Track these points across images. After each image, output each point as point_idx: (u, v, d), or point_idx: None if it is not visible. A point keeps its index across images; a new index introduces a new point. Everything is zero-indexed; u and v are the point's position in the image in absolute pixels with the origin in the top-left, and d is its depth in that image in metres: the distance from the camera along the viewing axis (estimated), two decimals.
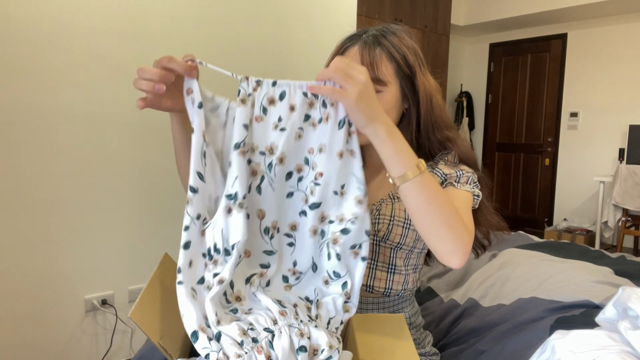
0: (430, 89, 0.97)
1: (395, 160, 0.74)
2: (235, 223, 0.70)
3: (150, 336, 0.69)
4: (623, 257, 1.82)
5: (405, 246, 0.96)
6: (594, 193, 4.56)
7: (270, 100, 0.73)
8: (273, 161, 0.73)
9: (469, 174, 0.93)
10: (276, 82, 0.73)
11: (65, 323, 1.94)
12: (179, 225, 0.71)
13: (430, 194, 0.74)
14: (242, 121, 0.71)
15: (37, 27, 1.78)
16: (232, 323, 0.67)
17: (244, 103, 0.72)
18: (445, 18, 4.44)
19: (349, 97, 0.69)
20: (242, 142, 0.71)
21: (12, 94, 1.75)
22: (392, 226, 0.93)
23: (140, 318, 0.69)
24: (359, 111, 0.70)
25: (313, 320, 0.71)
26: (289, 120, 0.73)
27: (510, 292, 1.39)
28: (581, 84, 4.71)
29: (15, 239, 1.80)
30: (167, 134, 2.21)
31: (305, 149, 0.75)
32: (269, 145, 0.73)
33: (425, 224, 0.76)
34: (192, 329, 0.66)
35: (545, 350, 0.86)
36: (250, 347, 0.65)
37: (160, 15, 2.06)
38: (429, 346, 1.07)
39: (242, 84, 0.73)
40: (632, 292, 0.88)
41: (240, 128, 0.71)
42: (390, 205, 0.95)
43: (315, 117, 0.74)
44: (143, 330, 0.68)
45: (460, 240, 0.76)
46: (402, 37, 0.95)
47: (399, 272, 0.98)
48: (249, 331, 0.67)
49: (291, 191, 0.76)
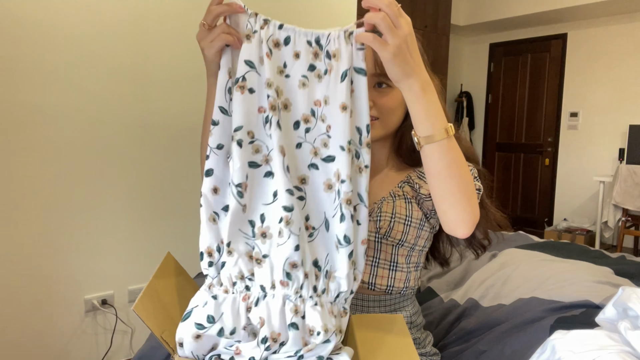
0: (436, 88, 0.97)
1: (424, 120, 0.72)
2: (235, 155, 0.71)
3: (153, 329, 0.69)
4: (623, 257, 1.82)
5: (407, 243, 0.96)
6: (594, 193, 4.57)
7: (275, 42, 0.72)
8: (279, 104, 0.72)
9: (471, 167, 0.93)
10: (282, 25, 0.72)
11: (65, 323, 1.94)
12: (179, 225, 0.71)
13: (453, 159, 0.74)
14: (245, 57, 0.71)
15: (36, 27, 1.78)
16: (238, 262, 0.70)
17: (248, 39, 0.71)
18: (445, 18, 4.44)
19: (387, 50, 0.66)
20: (242, 76, 0.70)
21: (11, 94, 1.75)
22: (394, 223, 0.93)
23: (144, 311, 0.70)
24: (395, 65, 0.68)
25: (318, 296, 0.71)
26: (293, 67, 0.72)
27: (510, 292, 1.39)
28: (581, 84, 4.71)
29: (15, 239, 1.80)
30: (166, 134, 2.22)
31: (311, 100, 0.73)
32: (277, 86, 0.72)
33: (442, 188, 0.76)
34: (200, 249, 0.72)
35: (545, 350, 0.86)
36: (239, 291, 0.70)
37: (160, 15, 2.06)
38: (430, 346, 1.07)
39: (250, 19, 0.72)
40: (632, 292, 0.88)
41: (242, 63, 0.71)
42: (392, 203, 0.95)
43: (320, 69, 0.72)
44: (146, 323, 0.69)
45: (472, 209, 0.77)
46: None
47: (401, 270, 0.98)
48: (246, 279, 0.71)
49: (299, 142, 0.74)
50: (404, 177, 0.98)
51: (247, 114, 0.71)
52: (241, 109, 0.71)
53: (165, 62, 2.09)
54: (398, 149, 0.99)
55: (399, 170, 1.00)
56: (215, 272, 0.72)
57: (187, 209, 2.20)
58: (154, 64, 2.07)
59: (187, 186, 2.19)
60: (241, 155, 0.71)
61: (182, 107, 2.14)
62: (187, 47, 2.11)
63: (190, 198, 2.20)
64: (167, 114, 2.12)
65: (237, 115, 0.71)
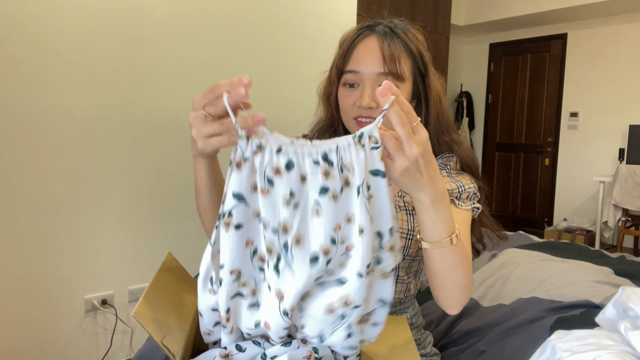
0: (439, 89, 0.95)
1: (430, 228, 0.69)
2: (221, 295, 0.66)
3: (154, 335, 0.69)
4: (623, 257, 1.82)
5: (407, 256, 0.95)
6: (594, 193, 4.56)
7: (276, 170, 0.61)
8: (288, 241, 0.62)
9: (470, 188, 0.91)
10: (280, 149, 0.60)
11: (65, 323, 1.94)
12: (179, 225, 0.71)
13: (454, 262, 0.71)
14: (233, 189, 0.61)
15: (36, 27, 1.78)
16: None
17: (239, 168, 0.61)
18: (445, 18, 4.43)
19: (394, 169, 0.60)
20: (229, 212, 0.62)
21: (11, 94, 1.75)
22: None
23: (144, 316, 0.69)
24: (400, 183, 0.63)
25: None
26: (302, 194, 0.61)
27: (510, 292, 1.39)
28: (581, 84, 4.71)
29: (15, 239, 1.80)
30: (166, 134, 2.22)
31: (330, 226, 0.62)
32: (282, 223, 0.62)
33: (439, 282, 0.74)
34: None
35: (545, 350, 0.86)
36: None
37: (159, 15, 2.06)
38: (430, 347, 1.07)
39: (241, 142, 0.60)
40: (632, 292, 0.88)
41: (230, 197, 0.62)
42: None
43: (336, 188, 0.61)
44: (146, 329, 0.68)
45: (464, 297, 0.76)
46: (415, 33, 0.92)
47: (402, 282, 0.97)
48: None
49: (322, 281, 0.65)
50: None
51: (231, 251, 0.64)
52: (225, 247, 0.64)
53: (165, 61, 2.09)
54: None
55: None
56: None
57: (187, 209, 2.20)
58: (154, 64, 2.07)
59: (188, 186, 2.19)
60: (222, 294, 0.66)
61: (182, 106, 2.14)
62: (187, 45, 2.11)
63: (190, 198, 2.20)
64: (167, 113, 2.12)
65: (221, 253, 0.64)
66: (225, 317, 0.68)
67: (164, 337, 0.69)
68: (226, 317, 0.68)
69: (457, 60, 5.46)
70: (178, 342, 0.72)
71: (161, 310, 0.74)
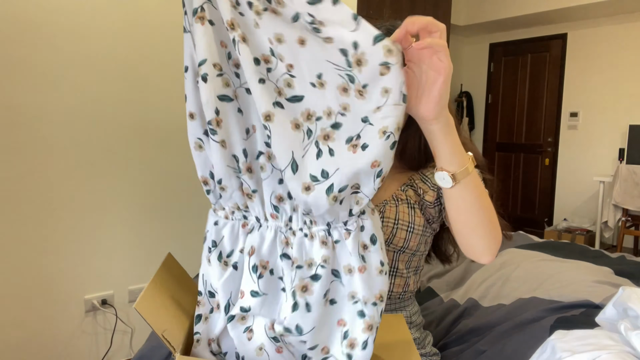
0: None
1: (452, 156, 0.69)
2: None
3: (155, 327, 0.69)
4: (623, 257, 1.82)
5: (408, 250, 0.95)
6: (594, 193, 4.57)
7: None
8: (235, 37, 0.65)
9: (482, 175, 0.92)
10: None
11: (65, 323, 1.94)
12: (179, 225, 0.71)
13: (482, 190, 0.73)
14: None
15: (35, 27, 1.78)
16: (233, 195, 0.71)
17: None
18: (445, 18, 4.43)
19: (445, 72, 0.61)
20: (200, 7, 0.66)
21: (10, 94, 1.75)
22: (397, 230, 0.92)
23: (145, 309, 0.69)
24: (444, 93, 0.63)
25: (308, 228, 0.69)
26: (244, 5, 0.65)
27: (510, 292, 1.39)
28: (581, 84, 4.71)
29: (15, 239, 1.80)
30: (166, 134, 2.22)
31: (265, 37, 0.65)
32: (229, 20, 0.64)
33: (473, 221, 0.74)
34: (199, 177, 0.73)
35: (545, 350, 0.86)
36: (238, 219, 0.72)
37: (159, 15, 2.06)
38: (429, 346, 1.07)
39: None
40: (632, 292, 0.88)
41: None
42: (395, 208, 0.93)
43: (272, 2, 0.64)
44: (147, 321, 0.68)
45: (499, 237, 0.77)
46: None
47: (401, 275, 0.97)
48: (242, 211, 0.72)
49: (262, 78, 0.66)
50: (406, 180, 0.97)
51: (209, 45, 0.66)
52: (202, 41, 0.66)
53: (165, 61, 2.09)
54: (401, 154, 0.96)
55: (401, 172, 0.98)
56: (214, 199, 0.73)
57: (187, 209, 2.20)
58: (155, 64, 2.07)
59: (187, 186, 2.19)
60: (208, 90, 0.66)
61: (181, 106, 2.14)
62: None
63: (190, 198, 2.20)
64: (167, 113, 2.12)
65: (200, 48, 0.66)
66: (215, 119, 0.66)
67: (164, 330, 0.70)
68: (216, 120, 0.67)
69: (457, 60, 5.46)
70: (178, 337, 0.72)
71: (162, 305, 0.75)
